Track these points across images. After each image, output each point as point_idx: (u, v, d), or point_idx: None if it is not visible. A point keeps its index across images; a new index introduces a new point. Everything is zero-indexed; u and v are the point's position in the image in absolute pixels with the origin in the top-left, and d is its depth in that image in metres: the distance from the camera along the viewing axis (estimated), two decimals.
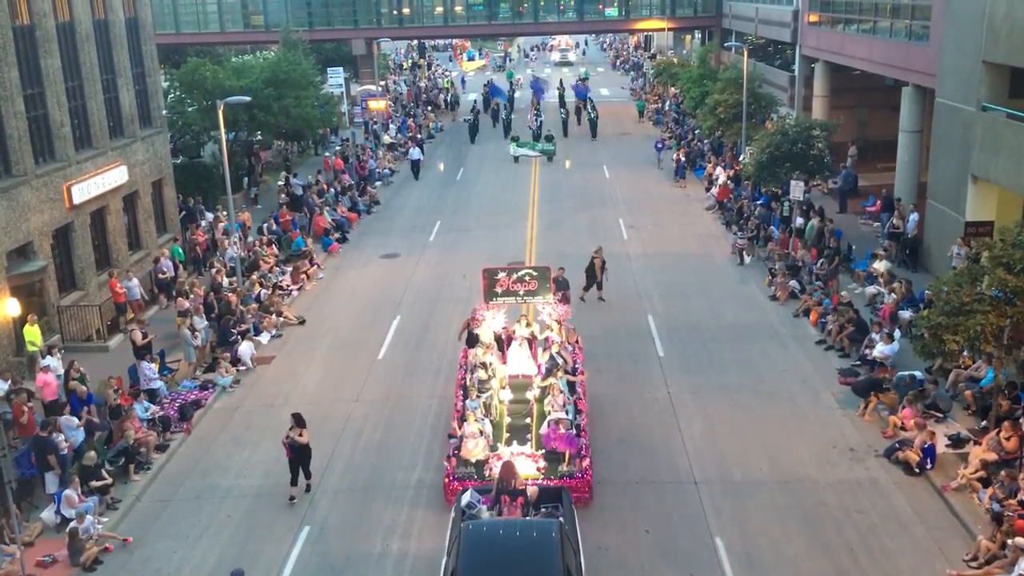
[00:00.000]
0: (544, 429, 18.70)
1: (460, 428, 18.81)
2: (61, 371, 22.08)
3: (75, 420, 19.86)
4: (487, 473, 17.59)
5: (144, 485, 19.41)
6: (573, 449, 18.10)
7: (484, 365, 21.16)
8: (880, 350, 22.59)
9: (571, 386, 20.57)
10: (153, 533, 17.83)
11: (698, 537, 16.97)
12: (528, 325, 22.81)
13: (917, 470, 18.44)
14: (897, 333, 23.34)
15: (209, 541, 17.51)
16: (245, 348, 25.13)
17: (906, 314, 24.42)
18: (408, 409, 22.31)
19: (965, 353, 20.69)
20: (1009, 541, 15.26)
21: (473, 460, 18.20)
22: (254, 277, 29.69)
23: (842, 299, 25.93)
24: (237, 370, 24.47)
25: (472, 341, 22.22)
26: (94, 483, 18.44)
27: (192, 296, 26.96)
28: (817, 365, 23.80)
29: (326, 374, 24.57)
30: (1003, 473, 17.20)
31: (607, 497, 17.96)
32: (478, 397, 19.88)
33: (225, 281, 28.60)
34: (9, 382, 21.40)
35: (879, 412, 20.82)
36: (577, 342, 22.62)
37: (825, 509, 17.61)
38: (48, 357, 22.34)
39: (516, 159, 49.58)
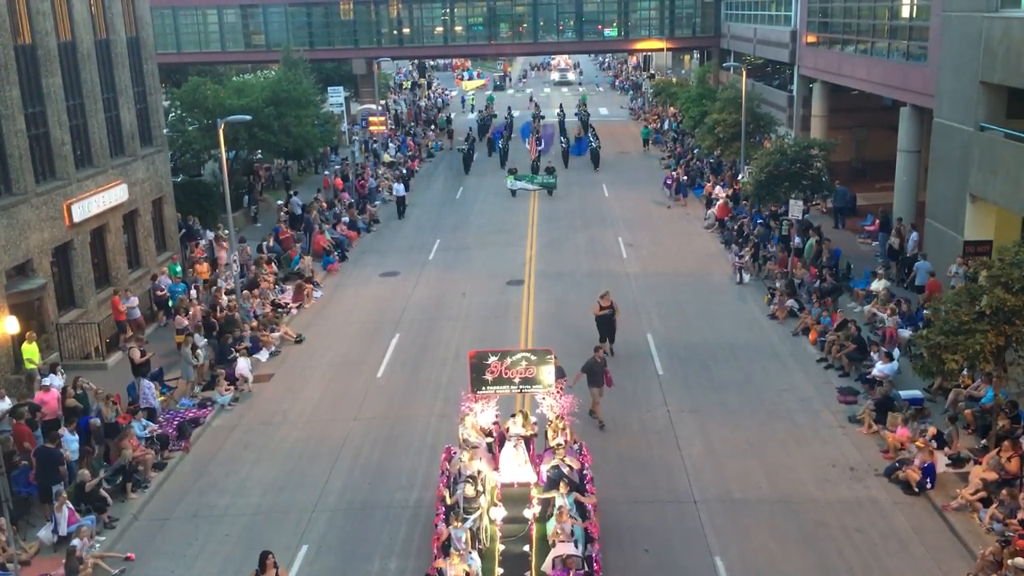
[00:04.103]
0: (548, 568, 15.14)
1: (441, 561, 14.89)
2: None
3: (75, 437, 19.78)
4: None
5: (142, 503, 19.34)
6: None
7: (472, 477, 16.77)
8: (879, 369, 22.58)
9: (579, 506, 16.46)
10: (150, 552, 17.74)
11: (698, 556, 16.90)
12: (526, 423, 18.49)
13: (917, 489, 18.39)
14: (896, 352, 23.33)
15: (207, 560, 17.42)
16: (243, 364, 25.03)
17: (905, 333, 24.43)
18: (407, 428, 22.26)
19: (965, 372, 20.68)
20: (1009, 562, 15.20)
21: None
22: (253, 292, 29.69)
23: (842, 315, 25.92)
24: (236, 388, 24.42)
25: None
26: (101, 489, 18.41)
27: (190, 314, 26.98)
28: (816, 384, 23.77)
29: (324, 392, 24.52)
30: (1004, 492, 17.16)
31: (607, 517, 17.86)
32: (463, 521, 15.66)
33: (225, 299, 28.59)
34: (6, 399, 21.36)
35: (880, 431, 20.77)
36: (575, 441, 18.53)
37: (825, 528, 17.55)
38: (51, 375, 22.32)
39: (513, 193, 46.07)
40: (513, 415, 18.72)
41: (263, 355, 26.62)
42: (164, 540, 18.12)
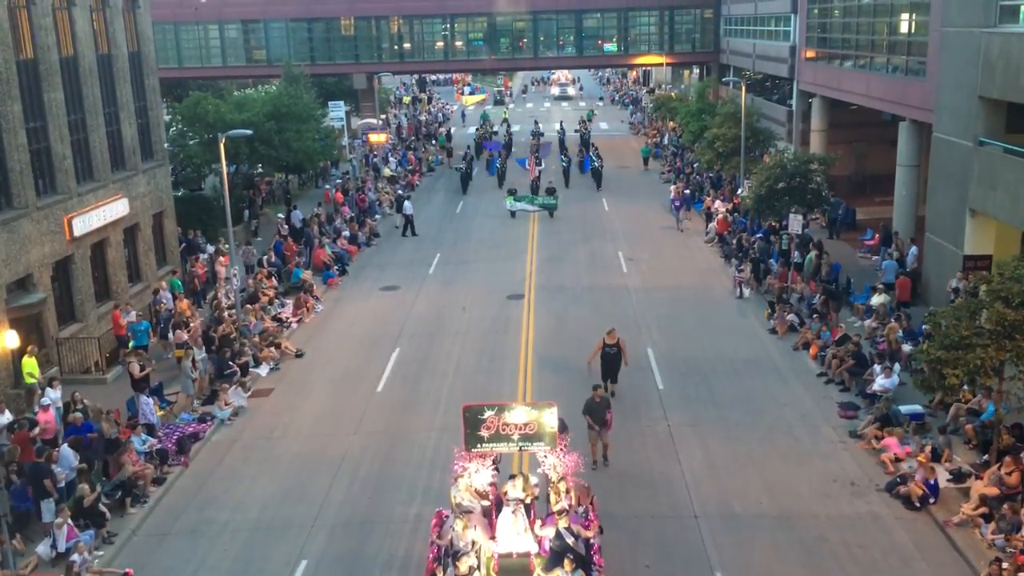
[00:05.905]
0: None
1: None
2: (60, 404, 22.03)
3: (73, 453, 19.71)
4: None
5: (141, 519, 19.28)
6: None
7: (464, 552, 14.99)
8: (880, 384, 22.56)
9: None
10: (149, 567, 17.66)
11: (698, 572, 16.84)
12: (526, 486, 16.48)
13: (919, 505, 18.34)
14: (897, 367, 23.31)
15: (206, 575, 17.36)
16: (232, 392, 24.52)
17: (906, 348, 24.41)
18: (407, 442, 22.21)
19: (965, 387, 20.65)
20: None
21: None
22: (255, 307, 29.68)
23: (842, 330, 25.93)
24: (236, 404, 24.36)
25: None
26: (100, 504, 18.31)
27: (190, 328, 26.98)
28: (817, 399, 23.74)
29: (325, 407, 24.48)
30: (1005, 507, 17.11)
31: (607, 532, 17.80)
32: None
33: (225, 314, 28.60)
34: (5, 412, 21.32)
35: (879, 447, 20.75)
36: (592, 501, 16.62)
37: (826, 544, 17.48)
38: (48, 389, 22.28)
39: (513, 214, 45.10)
40: (512, 476, 16.72)
41: (263, 370, 26.58)
42: (163, 555, 18.05)
